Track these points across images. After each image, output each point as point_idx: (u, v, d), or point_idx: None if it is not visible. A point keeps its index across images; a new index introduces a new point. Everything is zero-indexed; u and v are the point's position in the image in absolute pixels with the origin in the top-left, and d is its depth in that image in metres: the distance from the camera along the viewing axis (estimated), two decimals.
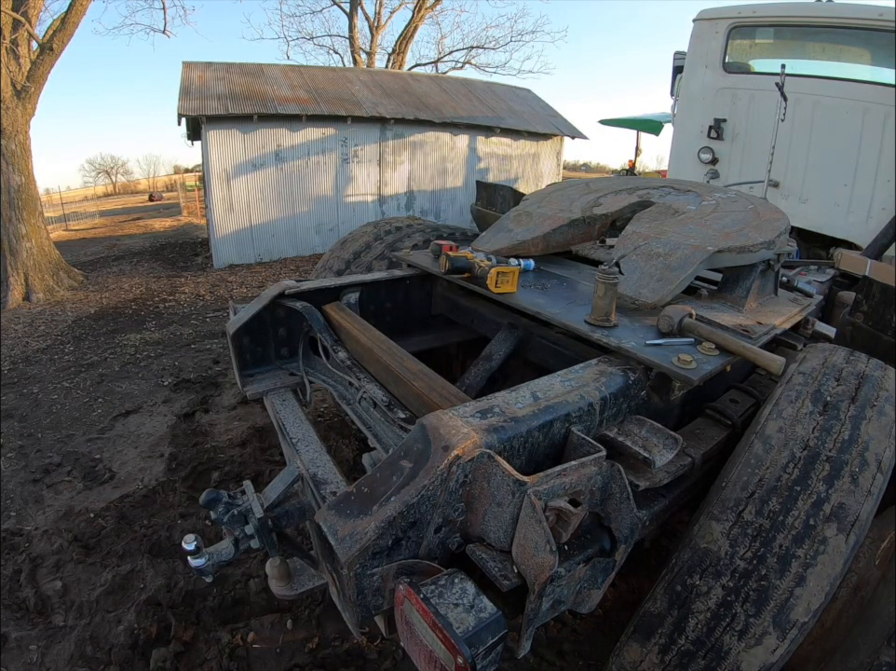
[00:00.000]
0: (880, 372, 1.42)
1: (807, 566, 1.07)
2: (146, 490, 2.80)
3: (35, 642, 1.95)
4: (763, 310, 1.87)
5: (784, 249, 1.94)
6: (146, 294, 7.13)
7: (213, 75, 9.28)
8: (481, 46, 20.05)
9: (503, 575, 0.94)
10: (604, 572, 1.04)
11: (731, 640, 1.06)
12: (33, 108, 7.04)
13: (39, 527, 2.55)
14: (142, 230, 14.61)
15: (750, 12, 4.52)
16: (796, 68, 4.23)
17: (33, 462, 3.12)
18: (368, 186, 9.95)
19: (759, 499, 1.18)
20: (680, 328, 1.51)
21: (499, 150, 11.15)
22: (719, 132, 4.77)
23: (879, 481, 1.16)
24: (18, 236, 6.92)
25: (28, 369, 4.61)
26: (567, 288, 2.01)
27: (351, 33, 18.34)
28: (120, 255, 10.43)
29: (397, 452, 1.04)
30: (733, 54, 4.72)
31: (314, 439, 1.69)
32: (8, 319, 6.15)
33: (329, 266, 3.08)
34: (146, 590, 2.15)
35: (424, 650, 0.86)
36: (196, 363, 4.58)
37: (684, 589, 1.15)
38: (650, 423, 1.27)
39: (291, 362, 2.19)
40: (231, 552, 1.17)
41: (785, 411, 1.32)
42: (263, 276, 8.04)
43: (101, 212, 19.75)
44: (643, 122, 10.80)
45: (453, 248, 2.25)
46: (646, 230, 1.98)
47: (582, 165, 50.19)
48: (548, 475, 0.96)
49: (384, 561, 0.93)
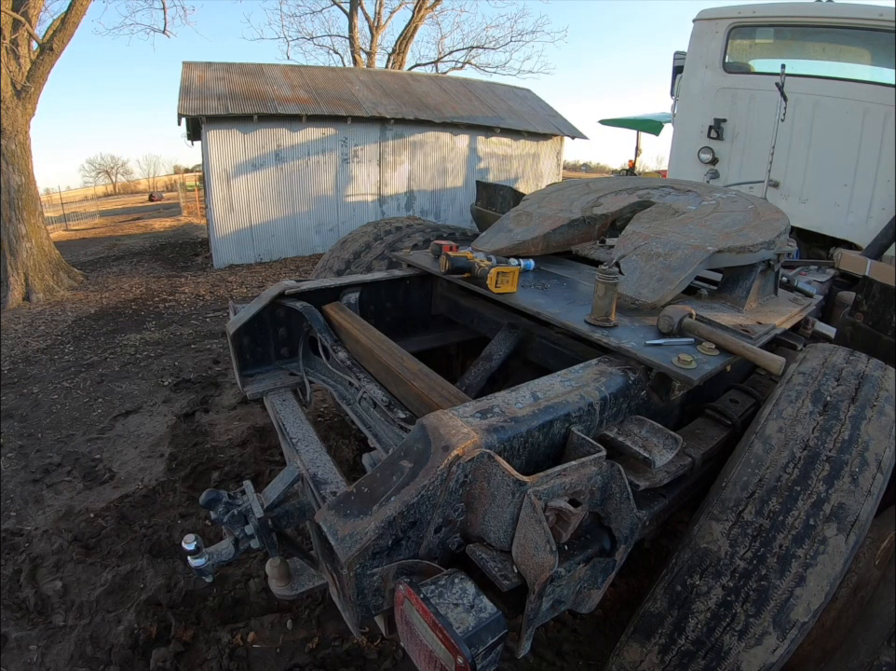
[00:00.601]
0: (880, 372, 1.42)
1: (807, 566, 1.07)
2: (146, 490, 2.80)
3: (35, 642, 1.95)
4: (763, 310, 1.87)
5: (784, 249, 1.94)
6: (146, 294, 7.13)
7: (213, 75, 9.28)
8: (481, 46, 20.06)
9: (503, 575, 0.94)
10: (603, 572, 1.04)
11: (731, 640, 1.06)
12: (33, 108, 7.04)
13: (39, 527, 2.55)
14: (142, 230, 14.61)
15: (750, 12, 4.52)
16: (796, 68, 4.23)
17: (34, 462, 3.12)
18: (368, 186, 9.95)
19: (759, 499, 1.18)
20: (680, 328, 1.51)
21: (499, 150, 11.15)
22: (719, 132, 4.77)
23: (879, 481, 1.16)
24: (18, 236, 6.92)
25: (28, 369, 4.61)
26: (567, 288, 2.01)
27: (351, 33, 18.34)
28: (120, 255, 10.43)
29: (397, 452, 1.04)
30: (733, 54, 4.72)
31: (314, 439, 1.69)
32: (8, 319, 6.15)
33: (329, 266, 3.08)
34: (146, 590, 2.15)
35: (424, 650, 0.86)
36: (196, 363, 4.58)
37: (684, 589, 1.15)
38: (650, 423, 1.27)
39: (291, 363, 2.19)
40: (231, 552, 1.17)
41: (785, 411, 1.32)
42: (263, 276, 8.04)
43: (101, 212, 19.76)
44: (643, 122, 10.80)
45: (453, 248, 2.25)
46: (646, 230, 1.97)
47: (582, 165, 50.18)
48: (548, 475, 0.96)
49: (384, 561, 0.93)
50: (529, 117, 11.64)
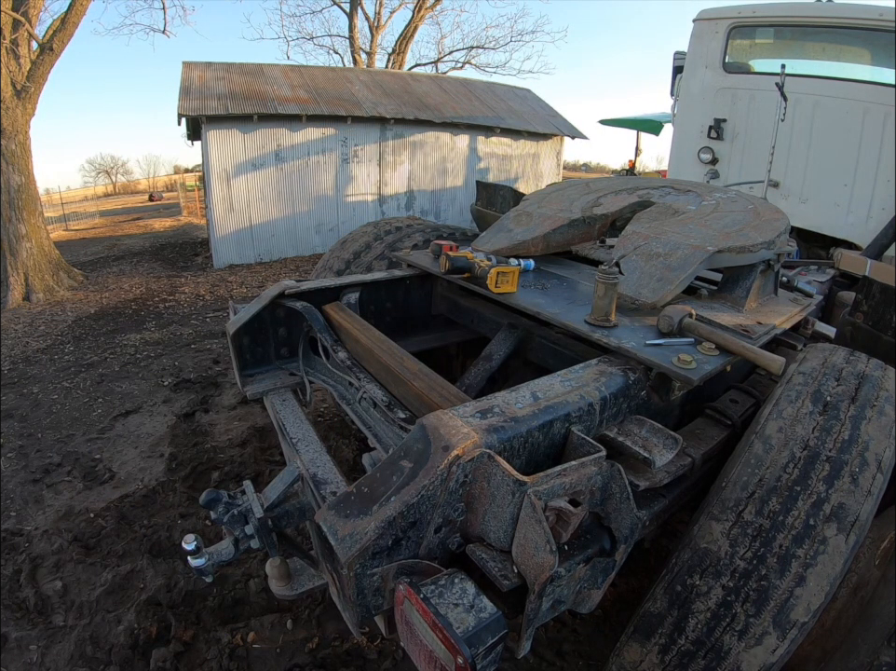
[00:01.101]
0: (880, 372, 1.42)
1: (807, 566, 1.07)
2: (146, 490, 2.80)
3: (35, 642, 1.95)
4: (763, 310, 1.87)
5: (784, 249, 1.94)
6: (146, 294, 7.12)
7: (213, 75, 9.28)
8: (481, 46, 20.05)
9: (503, 575, 0.94)
10: (603, 572, 1.04)
11: (731, 640, 1.06)
12: (33, 108, 7.04)
13: (39, 527, 2.55)
14: (142, 230, 14.61)
15: (750, 12, 4.52)
16: (796, 68, 4.22)
17: (34, 462, 3.12)
18: (368, 186, 9.95)
19: (759, 499, 1.18)
20: (680, 328, 1.51)
21: (499, 150, 11.15)
22: (719, 132, 4.77)
23: (879, 481, 1.16)
24: (18, 236, 6.92)
25: (28, 369, 4.61)
26: (567, 288, 2.01)
27: (351, 33, 18.34)
28: (120, 255, 10.43)
29: (397, 452, 1.04)
30: (733, 54, 4.72)
31: (314, 439, 1.69)
32: (8, 319, 6.15)
33: (329, 266, 3.08)
34: (146, 590, 2.15)
35: (424, 650, 0.86)
36: (196, 363, 4.58)
37: (684, 589, 1.15)
38: (650, 423, 1.27)
39: (291, 363, 2.19)
40: (231, 552, 1.17)
41: (785, 411, 1.32)
42: (263, 276, 8.04)
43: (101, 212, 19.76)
44: (643, 122, 10.80)
45: (453, 248, 2.25)
46: (646, 230, 1.97)
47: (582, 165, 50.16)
48: (548, 475, 0.96)
49: (384, 561, 0.93)
50: (529, 117, 11.63)
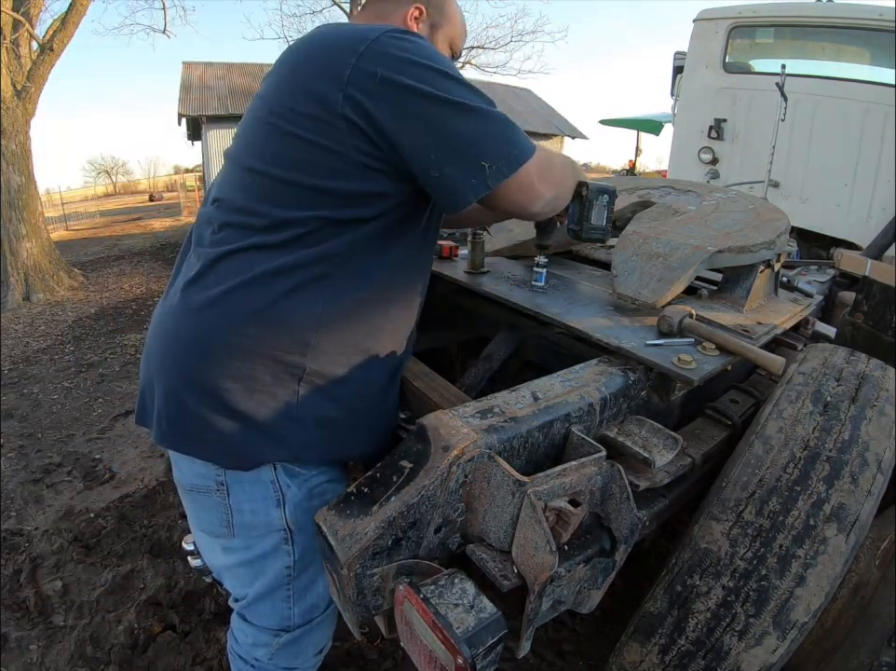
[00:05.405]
0: (880, 372, 1.42)
1: (808, 566, 1.07)
2: (146, 490, 2.80)
3: (35, 642, 1.95)
4: (763, 310, 1.87)
5: (785, 249, 1.93)
6: (146, 294, 7.12)
7: (213, 75, 9.30)
8: (481, 46, 20.00)
9: (503, 575, 0.94)
10: (604, 572, 1.04)
11: (731, 640, 1.06)
12: (33, 108, 7.04)
13: (39, 527, 2.55)
14: (142, 230, 14.61)
15: (750, 12, 4.52)
16: (796, 68, 4.22)
17: (34, 462, 3.12)
18: None
19: (759, 499, 1.18)
20: (680, 328, 1.50)
21: None
22: (719, 132, 4.77)
23: (879, 481, 1.16)
24: (18, 236, 6.92)
25: (28, 369, 4.61)
26: (567, 288, 2.01)
27: None
28: (120, 255, 10.44)
29: (397, 452, 1.04)
30: (733, 54, 4.72)
31: None
32: (8, 319, 6.16)
33: None
34: (146, 590, 2.15)
35: (424, 650, 0.86)
36: None
37: (684, 589, 1.15)
38: (650, 423, 1.27)
39: None
40: None
41: (785, 411, 1.32)
42: None
43: (101, 212, 19.75)
44: (643, 122, 10.80)
45: (453, 248, 2.24)
46: (646, 230, 1.97)
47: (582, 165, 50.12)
48: (548, 475, 0.96)
49: (384, 561, 0.93)
50: (529, 117, 11.65)
